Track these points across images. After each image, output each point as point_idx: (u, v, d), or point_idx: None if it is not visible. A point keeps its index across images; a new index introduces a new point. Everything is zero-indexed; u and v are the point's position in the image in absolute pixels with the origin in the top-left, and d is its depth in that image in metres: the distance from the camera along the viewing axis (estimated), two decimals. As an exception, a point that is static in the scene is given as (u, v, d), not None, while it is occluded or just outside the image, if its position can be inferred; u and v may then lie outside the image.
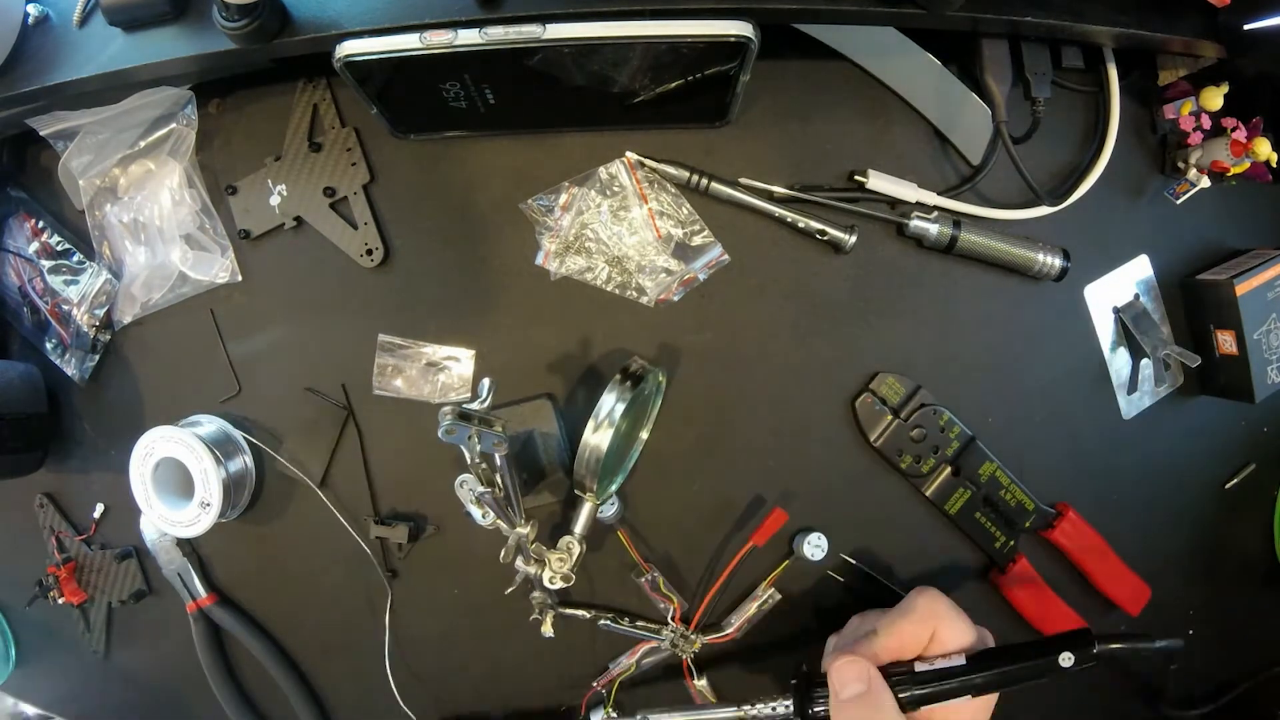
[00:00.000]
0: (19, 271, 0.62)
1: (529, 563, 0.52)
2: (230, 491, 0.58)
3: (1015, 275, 0.57)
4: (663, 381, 0.55)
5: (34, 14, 0.49)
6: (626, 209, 0.56)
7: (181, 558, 0.62)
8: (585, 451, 0.48)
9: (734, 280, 0.57)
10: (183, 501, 0.57)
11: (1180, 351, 0.57)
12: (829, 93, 0.55)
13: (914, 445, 0.57)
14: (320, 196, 0.56)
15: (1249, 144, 0.54)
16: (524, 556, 0.52)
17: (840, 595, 0.60)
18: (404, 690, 0.62)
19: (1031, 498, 0.58)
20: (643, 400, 0.54)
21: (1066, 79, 0.55)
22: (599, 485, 0.50)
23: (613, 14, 0.42)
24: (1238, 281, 0.55)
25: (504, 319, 0.58)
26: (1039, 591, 0.59)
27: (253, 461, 0.60)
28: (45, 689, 0.71)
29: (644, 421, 0.56)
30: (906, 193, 0.55)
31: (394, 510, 0.60)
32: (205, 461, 0.56)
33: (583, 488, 0.50)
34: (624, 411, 0.47)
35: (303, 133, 0.56)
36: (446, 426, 0.43)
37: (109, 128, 0.55)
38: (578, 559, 0.51)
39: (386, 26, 0.43)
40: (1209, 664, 0.65)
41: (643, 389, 0.50)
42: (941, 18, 0.45)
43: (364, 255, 0.56)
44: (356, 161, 0.56)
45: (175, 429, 0.57)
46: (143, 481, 0.58)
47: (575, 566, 0.51)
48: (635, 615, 0.60)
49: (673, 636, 0.58)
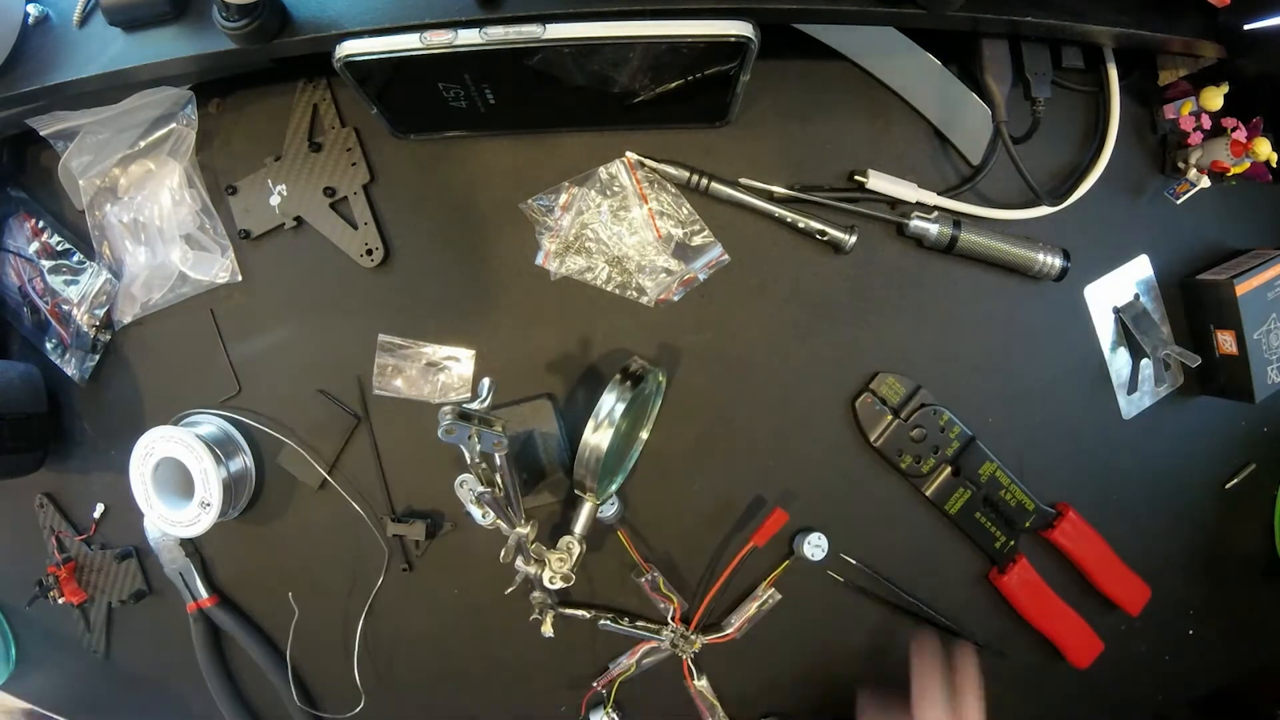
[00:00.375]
0: (19, 271, 0.62)
1: (528, 563, 0.52)
2: (231, 491, 0.58)
3: (1015, 275, 0.57)
4: (663, 381, 0.55)
5: (34, 14, 0.49)
6: (626, 209, 0.56)
7: (184, 558, 0.62)
8: (585, 451, 0.48)
9: (734, 280, 0.57)
10: (183, 501, 0.57)
11: (1180, 351, 0.57)
12: (829, 93, 0.55)
13: (914, 445, 0.57)
14: (320, 196, 0.56)
15: (1249, 144, 0.54)
16: (524, 556, 0.52)
17: (840, 595, 0.60)
18: (404, 691, 0.62)
19: (1031, 498, 0.58)
20: (643, 400, 0.54)
21: (1066, 79, 0.55)
22: (599, 485, 0.50)
23: (613, 14, 0.42)
24: (1238, 281, 0.55)
25: (504, 319, 0.58)
26: (1039, 592, 0.59)
27: (253, 461, 0.60)
28: (45, 689, 0.71)
29: (644, 421, 0.56)
30: (906, 193, 0.55)
31: (400, 509, 0.60)
32: (205, 461, 0.56)
33: (583, 488, 0.50)
34: (624, 411, 0.47)
35: (303, 133, 0.56)
36: (446, 426, 0.43)
37: (109, 128, 0.55)
38: (578, 559, 0.51)
39: (386, 26, 0.43)
40: (1209, 663, 0.65)
41: (643, 389, 0.50)
42: (941, 18, 0.45)
43: (364, 255, 0.56)
44: (356, 161, 0.56)
45: (175, 429, 0.57)
46: (143, 481, 0.58)
47: (575, 567, 0.51)
48: (635, 615, 0.60)
49: (673, 637, 0.58)
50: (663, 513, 0.59)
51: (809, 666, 0.61)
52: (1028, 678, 0.63)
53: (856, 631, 0.61)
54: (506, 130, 0.55)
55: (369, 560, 0.60)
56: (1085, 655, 0.61)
